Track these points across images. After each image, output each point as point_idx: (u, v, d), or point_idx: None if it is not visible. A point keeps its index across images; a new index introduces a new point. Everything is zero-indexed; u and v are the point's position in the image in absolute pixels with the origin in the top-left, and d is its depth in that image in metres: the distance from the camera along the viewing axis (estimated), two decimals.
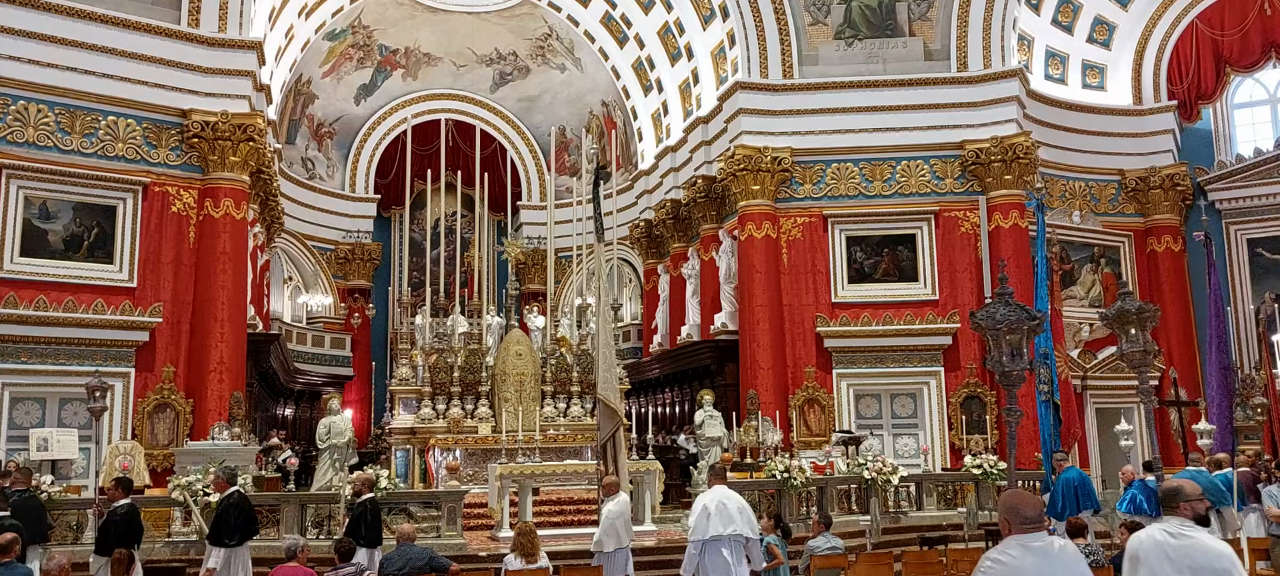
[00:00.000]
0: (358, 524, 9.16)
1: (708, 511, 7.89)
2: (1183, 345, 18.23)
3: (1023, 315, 6.92)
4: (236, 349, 14.59)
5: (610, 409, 9.86)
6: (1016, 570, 3.80)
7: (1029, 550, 3.84)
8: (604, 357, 10.06)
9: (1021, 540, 3.89)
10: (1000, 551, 3.91)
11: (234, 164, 14.79)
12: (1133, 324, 7.56)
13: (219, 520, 8.57)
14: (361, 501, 9.38)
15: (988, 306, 7.24)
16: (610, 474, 9.62)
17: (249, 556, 8.83)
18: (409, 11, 21.58)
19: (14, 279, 13.28)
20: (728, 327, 17.45)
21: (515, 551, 8.21)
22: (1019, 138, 16.42)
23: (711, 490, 8.21)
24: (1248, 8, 18.50)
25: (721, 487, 8.20)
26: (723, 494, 8.08)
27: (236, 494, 8.73)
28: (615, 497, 8.94)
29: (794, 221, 16.83)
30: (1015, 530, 3.91)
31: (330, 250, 23.48)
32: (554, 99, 24.03)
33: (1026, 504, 3.95)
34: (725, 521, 7.83)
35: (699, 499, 8.19)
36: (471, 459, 14.85)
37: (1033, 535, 3.88)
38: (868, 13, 17.27)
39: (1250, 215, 18.31)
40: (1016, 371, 6.97)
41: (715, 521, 7.83)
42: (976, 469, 13.69)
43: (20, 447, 12.82)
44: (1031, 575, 3.79)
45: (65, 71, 13.76)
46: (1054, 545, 3.92)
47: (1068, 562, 3.88)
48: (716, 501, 7.96)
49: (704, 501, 7.99)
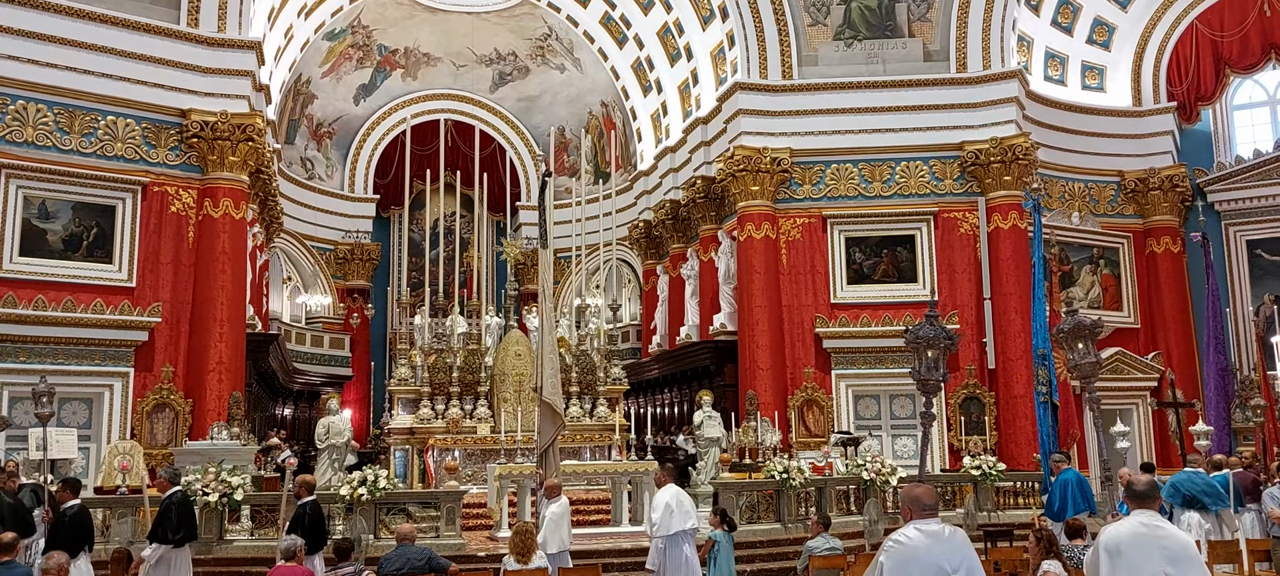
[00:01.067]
0: (295, 527, 8.63)
1: (671, 509, 8.56)
2: (1182, 347, 18.24)
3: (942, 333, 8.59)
4: (235, 349, 14.58)
5: (553, 412, 9.80)
6: (913, 547, 4.50)
7: (924, 532, 4.55)
8: (548, 361, 9.95)
9: (918, 524, 4.60)
10: (901, 533, 4.61)
11: (233, 164, 14.79)
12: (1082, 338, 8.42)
13: (160, 517, 8.56)
14: (303, 504, 8.93)
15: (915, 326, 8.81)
16: (550, 476, 9.64)
17: (189, 558, 8.63)
18: (408, 11, 21.58)
19: (13, 278, 13.28)
20: (727, 328, 17.45)
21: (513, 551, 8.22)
22: (1018, 139, 16.43)
23: (668, 488, 8.87)
24: (1247, 9, 18.51)
25: (674, 486, 8.89)
26: (678, 492, 8.84)
27: (179, 494, 8.60)
28: (557, 499, 9.18)
29: (793, 222, 16.84)
30: (914, 516, 4.62)
31: (329, 250, 23.48)
32: (553, 99, 24.03)
33: (925, 495, 4.69)
34: (684, 517, 8.56)
35: (660, 497, 8.76)
36: (470, 459, 14.85)
37: (927, 520, 4.61)
38: (867, 13, 17.28)
39: (1249, 216, 18.32)
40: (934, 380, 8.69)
41: (677, 517, 8.53)
42: (975, 470, 13.69)
43: (20, 447, 12.81)
44: (924, 553, 4.47)
45: (64, 71, 13.75)
46: (944, 531, 4.59)
47: (955, 544, 4.56)
48: (675, 498, 8.66)
49: (666, 499, 8.62)
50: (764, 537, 12.22)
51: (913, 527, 4.59)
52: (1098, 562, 4.70)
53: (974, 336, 16.42)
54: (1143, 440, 17.81)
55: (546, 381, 9.86)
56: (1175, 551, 4.51)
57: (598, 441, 15.39)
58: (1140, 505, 4.76)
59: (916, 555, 4.49)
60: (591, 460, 14.79)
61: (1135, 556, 4.50)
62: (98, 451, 13.51)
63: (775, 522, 12.53)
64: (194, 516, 8.90)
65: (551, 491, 9.27)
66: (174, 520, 8.36)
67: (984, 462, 13.80)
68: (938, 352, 8.42)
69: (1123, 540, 4.62)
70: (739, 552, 11.88)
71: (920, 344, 8.56)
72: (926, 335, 8.52)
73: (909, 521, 4.64)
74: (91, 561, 8.47)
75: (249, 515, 11.38)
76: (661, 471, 9.35)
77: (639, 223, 21.72)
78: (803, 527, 11.98)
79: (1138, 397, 18.04)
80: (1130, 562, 4.50)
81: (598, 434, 15.43)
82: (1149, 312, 18.54)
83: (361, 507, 11.01)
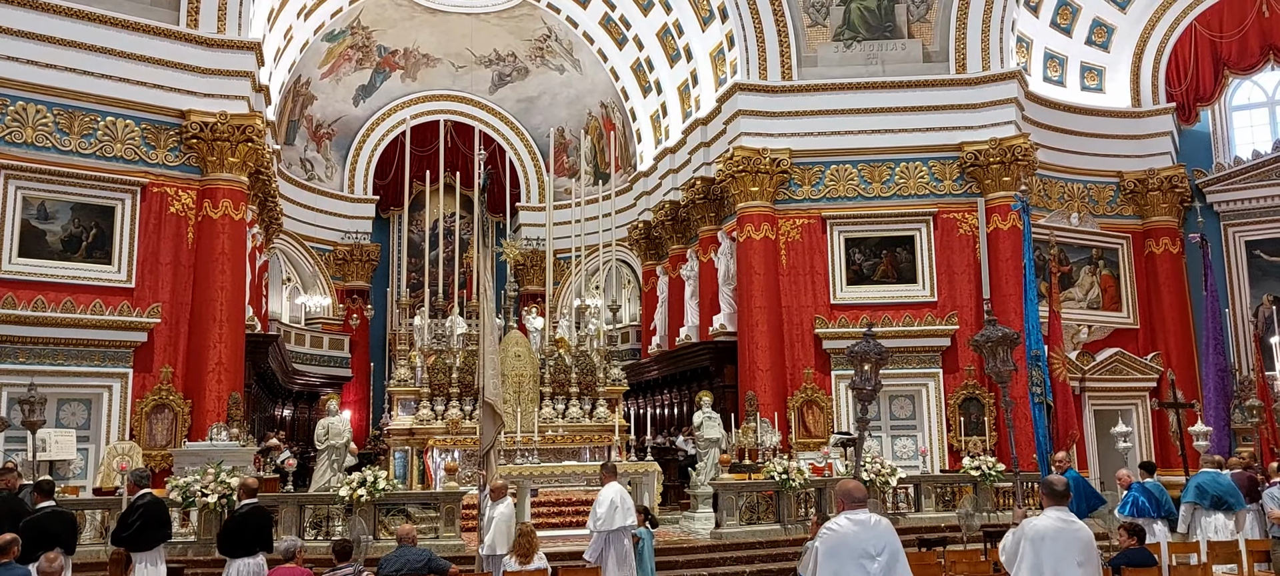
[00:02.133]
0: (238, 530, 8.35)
1: (615, 505, 8.94)
2: (1181, 347, 18.24)
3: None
4: (235, 350, 14.58)
5: (494, 413, 9.71)
6: (843, 535, 5.23)
7: (853, 521, 5.24)
8: (490, 361, 9.84)
9: (848, 514, 5.31)
10: (834, 521, 5.35)
11: (232, 165, 14.79)
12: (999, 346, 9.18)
13: (121, 519, 8.49)
14: (242, 506, 8.68)
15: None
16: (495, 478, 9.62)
17: (160, 558, 8.46)
18: (408, 12, 21.59)
19: (12, 279, 13.27)
20: (726, 329, 17.46)
21: (513, 552, 8.22)
22: (1017, 139, 16.44)
23: (612, 486, 9.20)
24: (1246, 10, 18.52)
25: (617, 485, 9.27)
26: (620, 490, 9.20)
27: (147, 497, 8.44)
28: (504, 500, 9.26)
29: (793, 223, 16.84)
30: (845, 507, 5.35)
31: (329, 251, 23.48)
32: (553, 100, 24.04)
33: (855, 490, 5.40)
34: (625, 514, 8.96)
35: (604, 494, 9.12)
36: (470, 460, 14.84)
37: (856, 510, 5.30)
38: (867, 14, 17.29)
39: (1248, 217, 18.32)
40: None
41: (619, 514, 8.88)
42: (975, 470, 13.70)
43: (18, 448, 12.80)
44: (852, 539, 5.19)
45: (64, 72, 13.74)
46: (871, 520, 5.29)
47: (881, 532, 5.26)
48: (619, 496, 9.07)
49: (610, 496, 9.02)
50: (764, 538, 12.23)
51: (844, 517, 5.31)
52: (1018, 549, 5.49)
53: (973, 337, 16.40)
54: (1142, 440, 17.82)
55: (488, 382, 9.73)
56: (1086, 543, 5.40)
57: (597, 442, 15.39)
58: (1057, 503, 5.57)
59: (846, 541, 5.20)
60: (591, 461, 14.78)
61: (1055, 546, 5.34)
62: (97, 452, 13.50)
63: (775, 523, 12.54)
64: (164, 520, 8.58)
65: (496, 493, 9.32)
66: (134, 522, 8.26)
67: (983, 463, 13.81)
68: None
69: (1046, 532, 5.40)
70: (739, 553, 11.92)
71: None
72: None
73: (841, 512, 5.35)
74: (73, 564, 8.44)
75: None
76: (603, 471, 9.68)
77: (638, 223, 21.73)
78: (802, 528, 11.99)
79: (1137, 398, 18.04)
80: (1051, 551, 5.33)
81: (597, 435, 15.43)
82: (1148, 313, 18.55)
83: (361, 508, 11.00)
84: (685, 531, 13.33)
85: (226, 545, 8.42)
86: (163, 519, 8.59)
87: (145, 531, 8.33)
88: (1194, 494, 9.93)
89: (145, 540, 8.34)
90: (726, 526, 12.27)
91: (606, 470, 9.65)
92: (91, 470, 13.34)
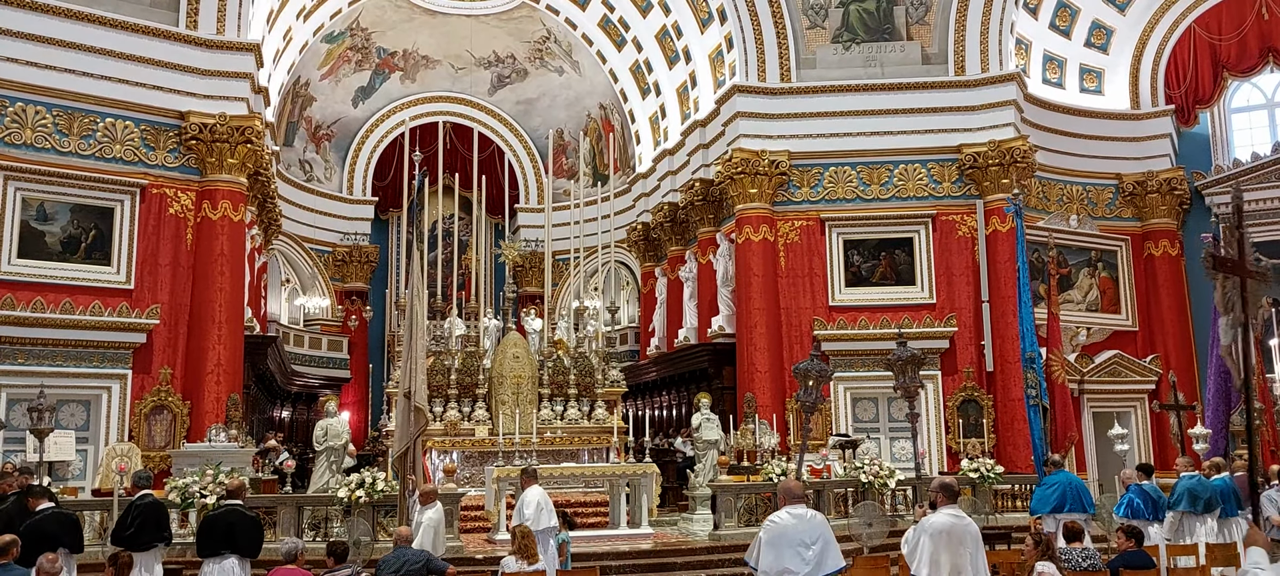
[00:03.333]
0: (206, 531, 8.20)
1: (541, 507, 9.16)
2: (1180, 349, 18.23)
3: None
4: (234, 351, 14.57)
5: (418, 411, 9.52)
6: (783, 526, 6.20)
7: (792, 515, 6.28)
8: (416, 358, 9.61)
9: (788, 509, 6.31)
10: (776, 515, 6.34)
11: (232, 166, 14.79)
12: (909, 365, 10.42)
13: (119, 521, 8.48)
14: (217, 507, 8.54)
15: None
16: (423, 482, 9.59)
17: (156, 560, 8.45)
18: (407, 14, 21.60)
19: (11, 281, 13.27)
20: (725, 331, 17.46)
21: (514, 553, 8.22)
22: (1016, 141, 16.45)
23: (535, 489, 9.38)
24: (1245, 12, 18.53)
25: (539, 488, 9.47)
26: (543, 493, 9.41)
27: (148, 498, 8.44)
28: (433, 505, 9.24)
29: (791, 225, 16.84)
30: (786, 503, 6.37)
31: (328, 252, 23.47)
32: (552, 102, 24.05)
33: (794, 488, 6.52)
34: (549, 516, 9.19)
35: (529, 496, 9.29)
36: (469, 461, 14.85)
37: (795, 505, 6.32)
38: (865, 17, 17.30)
39: (1248, 220, 18.24)
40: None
41: (543, 516, 9.09)
42: (973, 472, 13.69)
43: (17, 449, 12.80)
44: (791, 531, 6.17)
45: (63, 73, 13.75)
46: (807, 514, 6.32)
47: (816, 525, 6.26)
48: (543, 499, 9.27)
49: (536, 499, 9.22)
50: None
51: (784, 511, 6.32)
52: (918, 542, 6.14)
53: (972, 339, 16.42)
54: (1141, 442, 17.81)
55: (415, 380, 9.45)
56: (975, 536, 6.17)
57: (596, 443, 15.39)
58: (950, 501, 6.28)
59: (786, 532, 6.20)
60: (589, 462, 14.78)
61: (949, 539, 6.03)
62: (96, 453, 13.50)
63: None
64: (163, 520, 8.55)
65: (426, 498, 9.27)
66: (129, 522, 8.25)
67: (981, 465, 13.80)
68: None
69: (941, 526, 6.08)
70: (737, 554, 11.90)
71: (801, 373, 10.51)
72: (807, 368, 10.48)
73: (783, 507, 6.37)
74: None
75: None
76: (524, 476, 9.82)
77: (637, 225, 21.73)
78: None
79: (1136, 400, 18.04)
80: (945, 543, 6.02)
81: (596, 436, 15.43)
82: (1147, 315, 18.54)
83: (359, 510, 11.00)
84: (683, 533, 13.33)
85: (197, 545, 8.34)
86: (161, 521, 8.56)
87: (142, 533, 8.31)
88: (1187, 502, 9.92)
89: (142, 542, 8.32)
90: (725, 528, 12.27)
91: (527, 475, 9.80)
92: (90, 471, 13.34)
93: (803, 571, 6.08)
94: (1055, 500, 10.48)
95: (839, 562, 6.26)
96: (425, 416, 9.84)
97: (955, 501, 6.25)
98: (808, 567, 6.08)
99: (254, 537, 8.35)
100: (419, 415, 9.52)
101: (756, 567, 6.33)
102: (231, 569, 8.12)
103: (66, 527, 8.17)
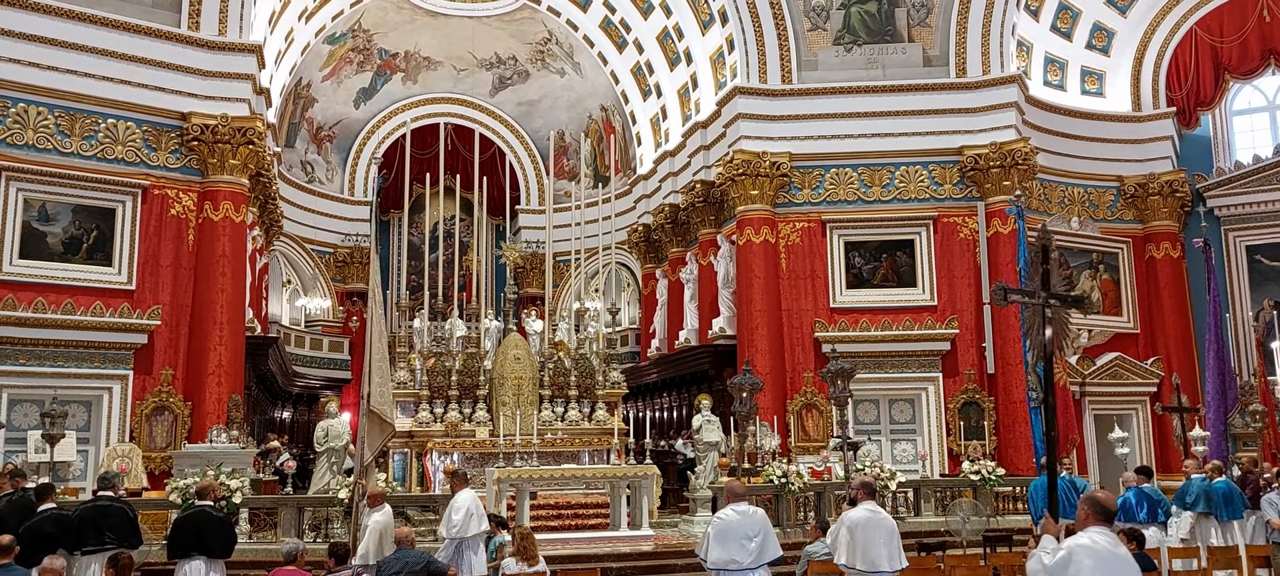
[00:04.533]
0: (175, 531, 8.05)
1: (471, 513, 9.15)
2: (1182, 352, 18.22)
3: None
4: (235, 352, 14.58)
5: (382, 421, 9.33)
6: (728, 522, 7.36)
7: (736, 511, 7.36)
8: (378, 367, 9.43)
9: (733, 507, 7.43)
10: (722, 512, 7.51)
11: (233, 167, 14.80)
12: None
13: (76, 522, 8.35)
14: (187, 508, 8.39)
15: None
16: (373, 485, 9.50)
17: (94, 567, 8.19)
18: (409, 16, 21.61)
19: (13, 281, 13.28)
20: (726, 332, 17.45)
21: (515, 555, 8.22)
22: (1017, 143, 16.45)
23: (466, 492, 9.32)
24: (1247, 14, 18.53)
25: (470, 491, 9.38)
26: (474, 497, 9.35)
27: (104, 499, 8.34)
28: (382, 508, 9.16)
29: (792, 226, 16.84)
30: (730, 502, 7.49)
31: (329, 253, 23.48)
32: (553, 103, 24.06)
33: (737, 487, 7.78)
34: (480, 521, 9.17)
35: (460, 500, 9.20)
36: (469, 462, 14.83)
37: (738, 503, 7.45)
38: (867, 18, 17.30)
39: (1249, 222, 18.29)
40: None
41: (473, 523, 9.07)
42: (975, 474, 13.68)
43: (18, 450, 12.81)
44: (735, 526, 7.31)
45: (65, 74, 13.76)
46: (749, 510, 7.41)
47: (758, 520, 7.41)
48: (474, 503, 9.23)
49: (466, 504, 9.18)
50: None
51: (730, 509, 7.43)
52: (840, 535, 6.84)
53: (973, 341, 16.41)
54: (1142, 445, 17.79)
55: (376, 388, 9.21)
56: (889, 529, 6.85)
57: (596, 445, 15.38)
58: (868, 497, 7.03)
59: (731, 527, 7.27)
60: (590, 464, 14.78)
61: (868, 533, 6.74)
62: (96, 454, 13.51)
63: (774, 527, 12.51)
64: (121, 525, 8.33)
65: (374, 500, 9.14)
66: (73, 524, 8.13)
67: (983, 467, 13.79)
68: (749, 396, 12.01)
69: (859, 521, 6.80)
70: None
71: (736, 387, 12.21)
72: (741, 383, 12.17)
73: (728, 504, 7.49)
74: None
75: (247, 518, 11.37)
76: (454, 479, 9.73)
77: (638, 226, 21.73)
78: (801, 532, 11.97)
79: (1137, 403, 18.02)
80: (865, 536, 6.72)
81: (596, 438, 15.43)
82: (1148, 318, 18.53)
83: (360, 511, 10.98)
84: (684, 535, 13.31)
85: (168, 548, 8.21)
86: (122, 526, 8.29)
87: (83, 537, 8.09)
88: (1204, 504, 9.91)
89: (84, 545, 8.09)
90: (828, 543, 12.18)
91: (457, 478, 9.75)
92: (91, 472, 13.34)
93: (747, 560, 7.20)
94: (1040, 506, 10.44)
95: (777, 552, 7.42)
96: (389, 426, 9.55)
97: (874, 498, 7.13)
98: (751, 557, 7.21)
99: (223, 539, 8.24)
100: (383, 425, 9.25)
101: (706, 559, 7.34)
102: (199, 570, 8.02)
103: (65, 528, 8.18)
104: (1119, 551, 4.81)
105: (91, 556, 8.09)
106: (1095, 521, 4.87)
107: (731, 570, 7.26)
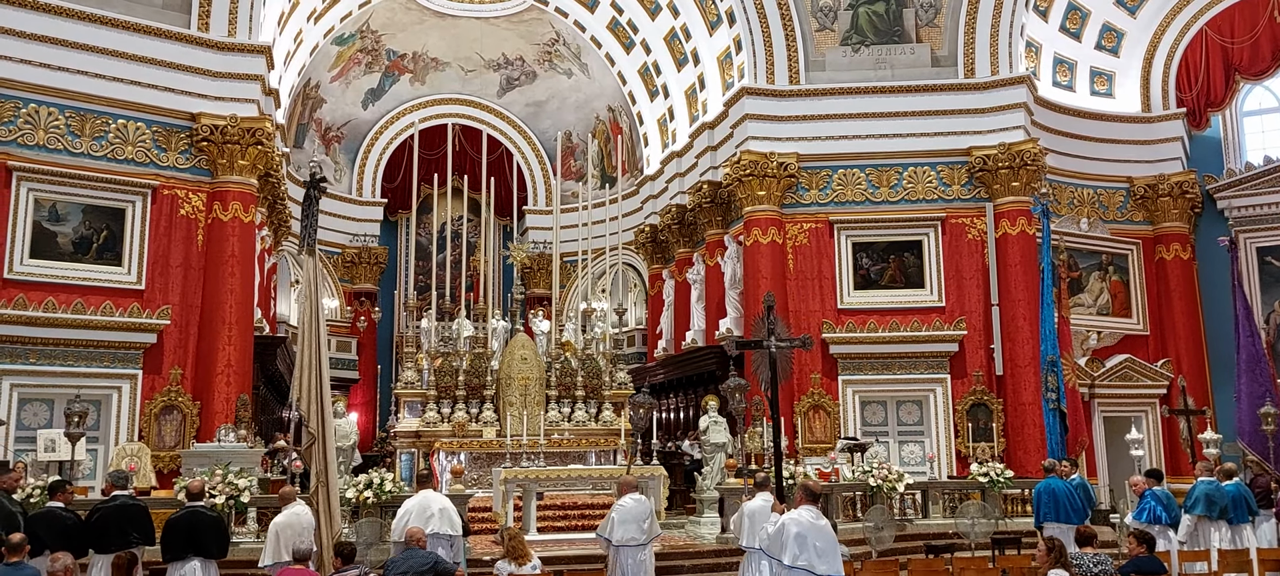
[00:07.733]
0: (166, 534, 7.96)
1: (444, 512, 9.18)
2: (1192, 354, 18.11)
3: None
4: (243, 351, 14.63)
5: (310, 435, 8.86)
6: (626, 509, 9.13)
7: (632, 499, 9.20)
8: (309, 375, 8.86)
9: (629, 496, 9.22)
10: (620, 501, 9.24)
11: (242, 167, 14.85)
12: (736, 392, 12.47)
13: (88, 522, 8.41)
14: (180, 510, 8.32)
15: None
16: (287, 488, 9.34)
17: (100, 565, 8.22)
18: (417, 17, 21.66)
19: (23, 281, 13.34)
20: (733, 333, 17.40)
21: (505, 557, 8.21)
22: (1026, 144, 16.38)
23: (424, 493, 9.32)
24: (1258, 15, 18.42)
25: (431, 492, 9.42)
26: (432, 496, 9.33)
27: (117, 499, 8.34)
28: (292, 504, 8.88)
29: (800, 227, 16.80)
30: (625, 492, 9.29)
31: (337, 254, 23.55)
32: (561, 104, 24.08)
33: (630, 480, 9.70)
34: (442, 522, 9.12)
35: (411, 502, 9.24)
36: (476, 462, 14.86)
37: (632, 492, 9.30)
38: (875, 19, 17.26)
39: (1260, 223, 18.17)
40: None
41: (437, 521, 9.07)
42: (983, 476, 13.63)
43: (28, 448, 12.88)
44: (631, 511, 9.09)
45: (75, 75, 13.82)
46: (641, 498, 9.29)
47: (646, 507, 9.28)
48: (442, 505, 9.24)
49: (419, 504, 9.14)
50: None
51: (627, 498, 9.21)
52: (782, 538, 7.02)
53: (982, 343, 16.35)
54: (1152, 447, 17.69)
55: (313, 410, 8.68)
56: (829, 536, 7.08)
57: (603, 446, 15.38)
58: (811, 501, 7.19)
59: (629, 512, 9.06)
60: (596, 464, 14.78)
61: (810, 537, 6.94)
62: (105, 453, 13.57)
63: None
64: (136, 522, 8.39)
65: (285, 498, 8.81)
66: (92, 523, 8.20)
67: (991, 469, 13.73)
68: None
69: (802, 525, 6.99)
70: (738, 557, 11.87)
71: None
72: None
73: (623, 496, 9.23)
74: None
75: (255, 517, 11.41)
76: (417, 481, 9.79)
77: (645, 227, 21.72)
78: None
79: (1147, 405, 17.92)
80: (806, 541, 6.91)
81: (603, 438, 15.43)
82: (1158, 319, 18.43)
83: (367, 510, 11.01)
84: (691, 536, 13.30)
85: (161, 549, 8.17)
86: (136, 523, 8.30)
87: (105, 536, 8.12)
88: (1203, 506, 9.83)
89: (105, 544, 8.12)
90: (732, 531, 12.22)
91: (421, 479, 9.82)
92: (99, 471, 13.40)
93: (642, 537, 9.04)
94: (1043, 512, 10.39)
95: (658, 531, 9.44)
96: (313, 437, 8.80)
97: (816, 502, 7.31)
98: (645, 536, 9.07)
99: (218, 539, 8.21)
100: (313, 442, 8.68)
101: (610, 538, 9.00)
102: (194, 571, 8.00)
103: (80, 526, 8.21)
104: (820, 522, 7.03)
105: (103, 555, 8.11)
106: (805, 501, 7.13)
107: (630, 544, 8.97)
